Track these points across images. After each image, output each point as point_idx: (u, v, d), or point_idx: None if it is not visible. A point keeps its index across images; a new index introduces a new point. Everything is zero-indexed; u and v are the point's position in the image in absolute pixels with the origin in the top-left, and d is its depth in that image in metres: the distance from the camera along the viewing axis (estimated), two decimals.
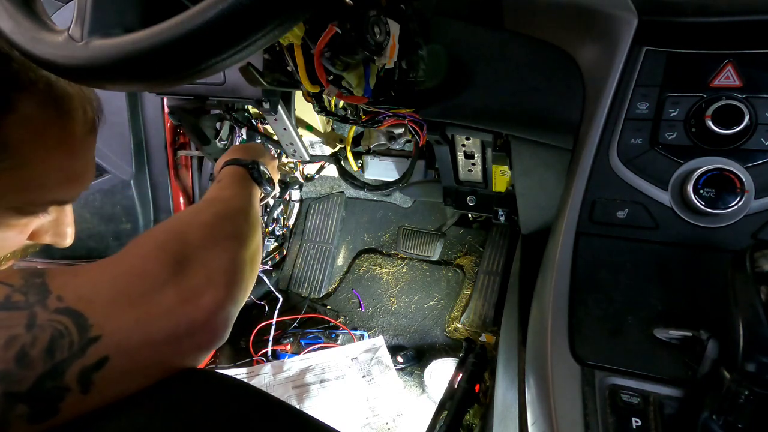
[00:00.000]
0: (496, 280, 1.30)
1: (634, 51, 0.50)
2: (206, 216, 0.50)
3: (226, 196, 0.61)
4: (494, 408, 0.80)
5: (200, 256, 0.43)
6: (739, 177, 0.44)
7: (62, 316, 0.34)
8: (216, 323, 0.41)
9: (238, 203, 0.58)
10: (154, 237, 0.45)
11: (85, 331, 0.35)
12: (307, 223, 1.58)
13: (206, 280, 0.42)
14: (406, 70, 0.64)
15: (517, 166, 0.78)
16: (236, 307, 0.44)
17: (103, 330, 0.35)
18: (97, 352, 0.34)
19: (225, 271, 0.44)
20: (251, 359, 1.28)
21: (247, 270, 0.48)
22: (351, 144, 1.07)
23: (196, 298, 0.40)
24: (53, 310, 0.34)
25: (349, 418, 1.09)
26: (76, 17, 0.39)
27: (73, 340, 0.34)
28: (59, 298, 0.35)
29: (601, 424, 0.38)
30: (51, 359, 0.33)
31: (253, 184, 0.67)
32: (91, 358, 0.34)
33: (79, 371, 0.34)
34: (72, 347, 0.34)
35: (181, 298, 0.40)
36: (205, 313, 0.40)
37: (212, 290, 0.42)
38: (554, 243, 0.50)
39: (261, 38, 0.34)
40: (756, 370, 0.33)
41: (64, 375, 0.33)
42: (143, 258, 0.41)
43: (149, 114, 1.20)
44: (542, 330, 0.46)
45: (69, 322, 0.34)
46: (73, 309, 0.35)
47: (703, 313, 0.42)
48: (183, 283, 0.41)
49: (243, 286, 0.46)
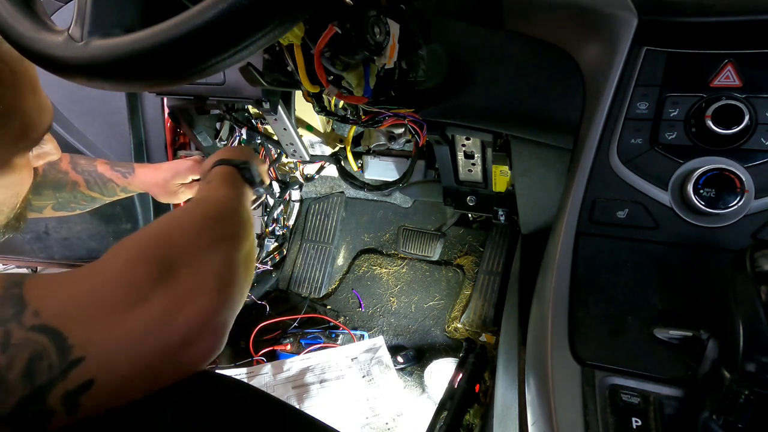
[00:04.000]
0: (496, 280, 1.30)
1: (634, 51, 0.50)
2: (195, 217, 0.48)
3: (216, 196, 0.58)
4: (494, 408, 0.80)
5: (189, 259, 0.41)
6: (739, 177, 0.43)
7: (39, 335, 0.32)
8: (212, 331, 0.39)
9: (229, 203, 0.55)
10: (137, 241, 0.42)
11: (66, 352, 0.32)
12: (307, 223, 1.58)
13: (197, 284, 0.39)
14: (406, 70, 0.64)
15: (517, 166, 0.78)
16: (232, 311, 0.42)
17: (85, 351, 0.33)
18: (80, 375, 0.32)
19: (217, 274, 0.41)
20: (251, 359, 1.28)
21: (242, 272, 0.45)
22: (351, 144, 1.07)
23: (187, 305, 0.38)
24: (29, 327, 0.32)
25: (349, 418, 1.09)
26: (76, 17, 0.39)
27: (53, 362, 0.32)
28: (35, 313, 0.33)
29: (601, 424, 0.38)
30: (31, 383, 0.31)
31: (245, 185, 0.64)
32: (74, 381, 0.32)
33: (62, 395, 0.32)
34: (52, 370, 0.31)
35: (170, 306, 0.37)
36: (199, 320, 0.38)
37: (204, 295, 0.39)
38: (554, 243, 0.50)
39: (261, 38, 0.34)
40: (756, 370, 0.33)
41: (47, 399, 0.31)
42: (126, 265, 0.39)
43: (149, 114, 1.20)
44: (542, 330, 0.46)
45: (47, 342, 0.32)
46: (49, 327, 0.32)
47: (703, 313, 0.42)
48: (171, 290, 0.38)
49: (238, 289, 0.43)
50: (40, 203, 0.74)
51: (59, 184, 0.76)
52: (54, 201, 0.75)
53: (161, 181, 0.81)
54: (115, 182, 0.80)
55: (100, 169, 0.80)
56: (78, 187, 0.77)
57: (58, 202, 0.76)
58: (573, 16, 0.56)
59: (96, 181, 0.79)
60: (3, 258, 1.35)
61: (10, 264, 1.47)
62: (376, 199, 1.56)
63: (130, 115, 1.17)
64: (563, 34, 0.58)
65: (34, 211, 0.74)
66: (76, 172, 0.77)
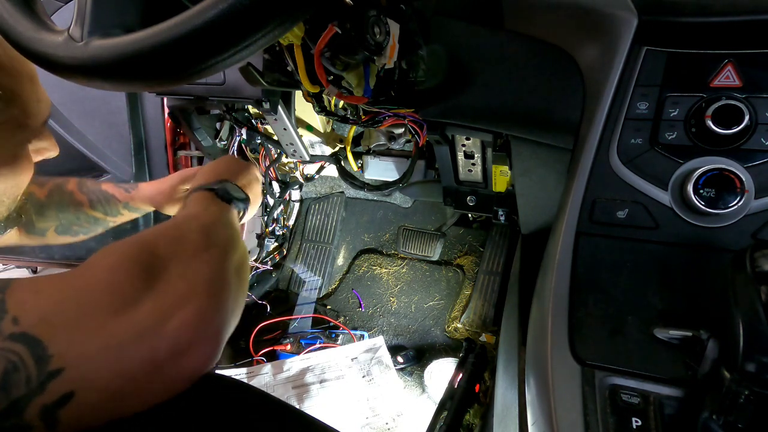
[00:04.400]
0: (496, 280, 1.30)
1: (634, 51, 0.50)
2: (180, 227, 0.46)
3: (196, 213, 0.54)
4: (494, 408, 0.80)
5: (177, 265, 0.39)
6: (739, 177, 0.43)
7: (17, 345, 0.30)
8: (204, 339, 0.37)
9: (209, 217, 0.52)
10: (119, 248, 0.39)
11: (44, 363, 0.30)
12: (307, 223, 1.58)
13: (186, 290, 0.37)
14: (406, 70, 0.64)
15: (517, 166, 0.78)
16: (226, 318, 0.39)
17: (64, 361, 0.31)
18: (58, 388, 0.30)
19: (208, 280, 0.39)
20: (251, 359, 1.28)
21: (234, 280, 0.42)
22: (351, 144, 1.07)
23: (175, 311, 0.35)
24: (7, 335, 0.30)
25: (349, 418, 1.09)
26: (76, 17, 0.39)
27: (30, 374, 0.30)
28: (15, 320, 0.31)
29: (601, 424, 0.38)
30: (6, 397, 0.29)
31: (222, 203, 0.58)
32: (52, 395, 0.30)
33: (40, 410, 0.30)
34: (30, 383, 0.30)
35: (157, 313, 0.35)
36: (189, 328, 0.35)
37: (195, 301, 0.37)
38: (554, 243, 0.50)
39: (261, 38, 0.34)
40: (756, 370, 0.33)
41: (23, 413, 0.30)
42: (110, 269, 0.36)
43: (149, 114, 1.20)
44: (542, 330, 0.46)
45: (25, 352, 0.30)
46: (29, 335, 0.31)
47: (703, 313, 0.42)
48: (159, 296, 0.36)
49: (230, 296, 0.41)
50: (44, 225, 0.74)
51: (63, 204, 0.75)
52: (57, 222, 0.75)
53: (167, 188, 0.79)
54: (118, 198, 0.80)
55: (104, 187, 0.80)
56: (82, 207, 0.77)
57: (61, 224, 0.75)
58: (573, 16, 0.56)
59: (99, 200, 0.78)
60: (3, 258, 1.35)
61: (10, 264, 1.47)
62: (376, 199, 1.56)
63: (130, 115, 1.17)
64: (563, 34, 0.58)
65: (37, 234, 0.73)
66: (81, 192, 0.77)
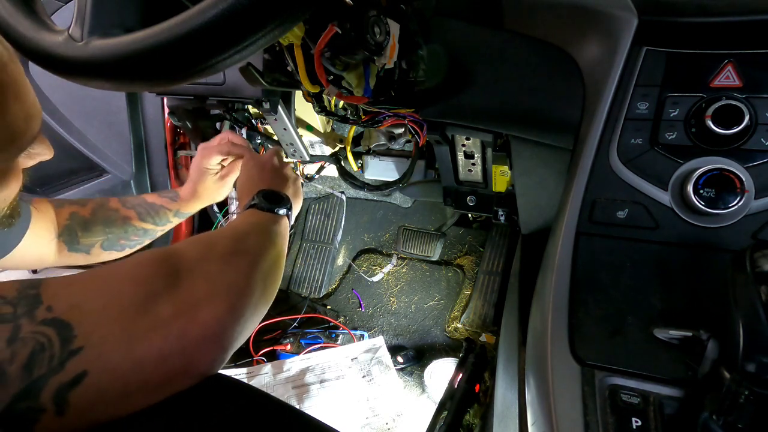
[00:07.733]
0: (496, 280, 1.30)
1: (634, 51, 0.50)
2: (210, 237, 0.47)
3: (231, 224, 0.56)
4: (494, 408, 0.80)
5: (202, 269, 0.41)
6: (739, 177, 0.43)
7: (47, 328, 0.33)
8: (214, 342, 0.38)
9: (243, 225, 0.54)
10: (150, 251, 0.42)
11: (68, 342, 0.33)
12: (307, 223, 1.58)
13: (207, 293, 0.39)
14: (406, 70, 0.64)
15: (517, 166, 0.78)
16: (242, 327, 0.41)
17: (86, 341, 0.33)
18: (75, 366, 0.32)
19: (230, 286, 0.41)
20: (251, 359, 1.28)
21: (258, 289, 0.44)
22: (351, 144, 1.07)
23: (192, 311, 0.37)
24: (40, 321, 0.33)
25: (349, 418, 1.09)
26: (76, 17, 0.39)
27: (54, 353, 0.32)
28: (49, 308, 0.34)
29: (601, 424, 0.38)
30: (29, 376, 0.31)
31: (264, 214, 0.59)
32: (68, 373, 0.32)
33: (55, 389, 0.32)
34: (52, 361, 0.32)
35: (175, 309, 0.37)
36: (202, 328, 0.37)
37: (213, 304, 0.38)
38: (554, 243, 0.50)
39: (261, 38, 0.34)
40: (756, 370, 0.33)
41: (40, 394, 0.31)
42: (138, 265, 0.39)
43: (149, 114, 1.20)
44: (542, 330, 0.46)
45: (53, 333, 0.32)
46: (60, 319, 0.33)
47: (703, 313, 0.42)
48: (180, 294, 0.38)
49: (252, 305, 0.42)
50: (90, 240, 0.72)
51: (110, 220, 0.74)
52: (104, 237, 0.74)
53: (196, 173, 0.78)
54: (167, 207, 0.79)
55: (150, 199, 0.79)
56: (130, 221, 0.76)
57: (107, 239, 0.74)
58: (573, 16, 0.56)
59: (148, 211, 0.78)
60: None
61: None
62: (376, 199, 1.56)
63: (130, 115, 1.17)
64: (563, 34, 0.58)
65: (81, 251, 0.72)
66: (126, 207, 0.76)
